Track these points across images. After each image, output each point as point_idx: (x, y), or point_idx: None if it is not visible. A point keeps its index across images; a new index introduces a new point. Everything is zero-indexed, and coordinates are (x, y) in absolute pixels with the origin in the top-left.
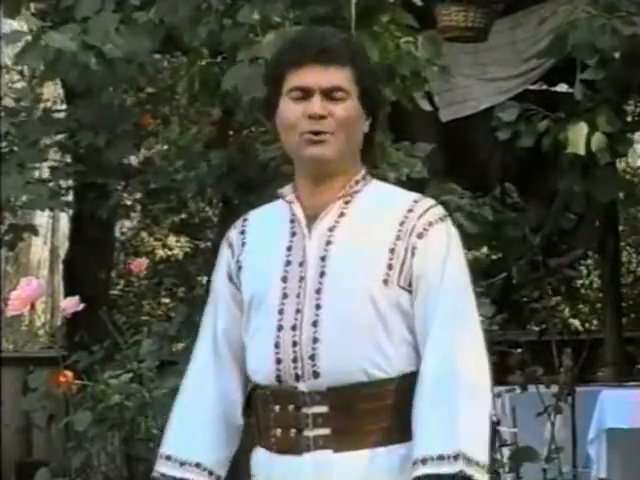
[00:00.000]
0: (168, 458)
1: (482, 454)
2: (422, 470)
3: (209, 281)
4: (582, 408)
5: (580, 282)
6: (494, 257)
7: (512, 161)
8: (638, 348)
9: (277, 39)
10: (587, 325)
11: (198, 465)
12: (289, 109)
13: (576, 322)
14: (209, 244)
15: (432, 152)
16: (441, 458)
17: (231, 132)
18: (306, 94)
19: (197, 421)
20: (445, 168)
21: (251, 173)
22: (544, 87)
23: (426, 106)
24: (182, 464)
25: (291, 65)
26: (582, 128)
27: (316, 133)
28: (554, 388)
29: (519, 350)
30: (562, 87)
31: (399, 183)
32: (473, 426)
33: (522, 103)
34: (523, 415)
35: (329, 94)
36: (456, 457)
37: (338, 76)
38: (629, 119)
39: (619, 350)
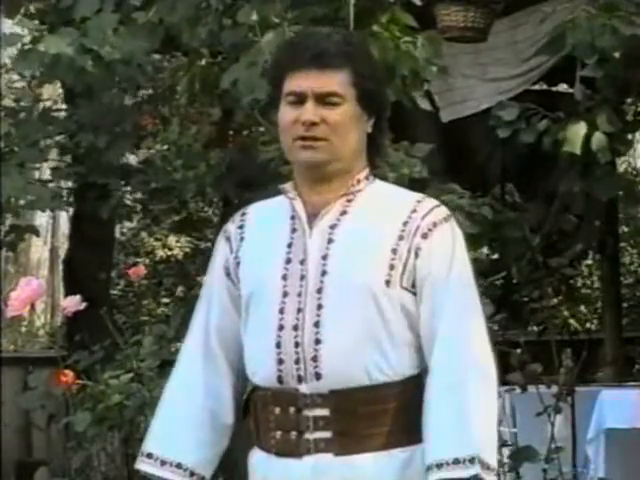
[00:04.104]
0: (149, 456)
1: (493, 458)
2: (438, 474)
3: None
4: (582, 408)
5: (581, 282)
6: (494, 257)
7: (512, 161)
8: (638, 348)
9: (276, 39)
10: (587, 325)
11: (179, 465)
12: (285, 113)
13: (576, 322)
14: (209, 244)
15: (432, 152)
16: (457, 462)
17: (231, 132)
18: (300, 99)
19: (181, 419)
20: (445, 168)
21: (251, 173)
22: (544, 87)
23: (426, 106)
24: (163, 463)
25: (288, 69)
26: (581, 128)
27: (306, 138)
28: (554, 388)
29: (519, 350)
30: (562, 87)
31: (398, 183)
32: (485, 428)
33: (522, 103)
34: (523, 415)
35: (323, 99)
36: (472, 461)
37: (332, 80)
38: (629, 119)
39: (619, 350)
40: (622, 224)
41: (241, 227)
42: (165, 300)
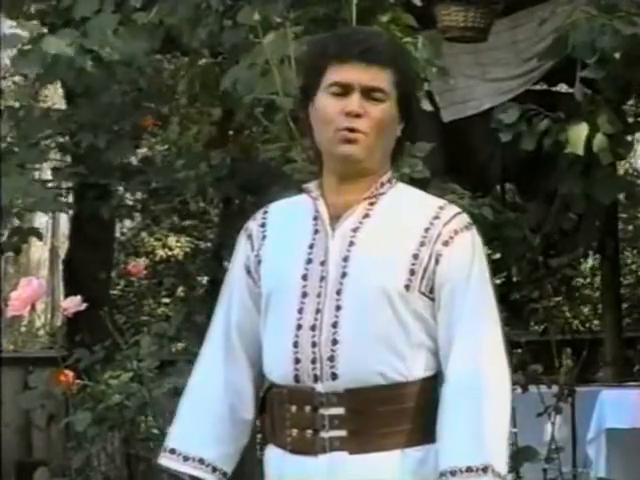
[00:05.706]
0: (172, 452)
1: (504, 466)
2: None
3: (209, 281)
4: (582, 408)
5: (581, 282)
6: (495, 257)
7: (512, 161)
8: (638, 349)
9: (277, 40)
10: (587, 325)
11: (201, 461)
12: (328, 104)
13: (576, 322)
14: (209, 244)
15: (433, 152)
16: (470, 470)
17: (231, 132)
18: (346, 90)
19: (202, 415)
20: (446, 168)
21: (252, 174)
22: (544, 87)
23: (427, 106)
24: (186, 459)
25: (334, 59)
26: (583, 128)
27: (351, 130)
28: (554, 388)
29: (519, 350)
30: (562, 87)
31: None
32: (498, 437)
33: (523, 103)
34: (523, 415)
35: (368, 93)
36: (485, 469)
37: (380, 77)
38: (630, 120)
39: (619, 350)
40: (622, 224)
41: (263, 225)
42: (165, 300)
